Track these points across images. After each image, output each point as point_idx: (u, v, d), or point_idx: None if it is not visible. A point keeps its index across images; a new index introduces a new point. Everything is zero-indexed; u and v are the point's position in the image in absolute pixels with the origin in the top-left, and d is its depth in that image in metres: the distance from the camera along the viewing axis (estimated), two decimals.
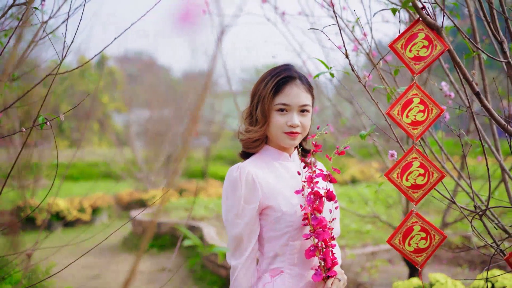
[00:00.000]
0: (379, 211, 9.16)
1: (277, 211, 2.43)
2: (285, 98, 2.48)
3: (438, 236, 2.48)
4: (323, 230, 2.38)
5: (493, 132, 3.78)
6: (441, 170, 2.43)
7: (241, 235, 2.40)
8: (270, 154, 2.58)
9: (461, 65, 2.39)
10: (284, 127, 2.48)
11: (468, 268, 7.26)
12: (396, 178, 2.43)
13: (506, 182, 3.69)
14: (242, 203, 2.39)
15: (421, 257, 2.48)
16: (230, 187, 2.43)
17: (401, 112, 2.40)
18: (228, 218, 2.42)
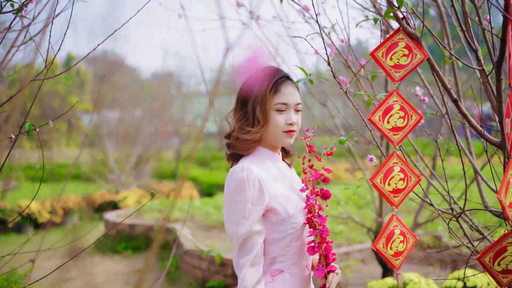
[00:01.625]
0: (350, 212, 9.27)
1: (281, 214, 2.47)
2: (283, 97, 2.54)
3: (412, 238, 2.58)
4: (323, 227, 2.49)
5: (467, 135, 3.90)
6: (418, 174, 2.53)
7: (249, 235, 2.41)
8: (264, 154, 2.61)
9: (439, 73, 2.48)
10: (283, 126, 2.53)
11: (439, 267, 7.42)
12: (380, 183, 2.51)
13: (479, 184, 3.81)
14: (250, 204, 2.41)
15: (399, 260, 2.56)
16: (236, 188, 2.43)
17: (382, 118, 2.48)
18: (234, 219, 2.43)
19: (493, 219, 8.35)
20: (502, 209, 2.33)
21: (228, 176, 2.50)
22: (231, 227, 2.45)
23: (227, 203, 2.48)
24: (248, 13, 6.00)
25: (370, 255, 7.54)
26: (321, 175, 2.57)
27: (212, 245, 7.75)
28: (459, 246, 3.31)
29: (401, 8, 2.36)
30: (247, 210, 2.41)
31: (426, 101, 3.67)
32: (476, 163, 3.68)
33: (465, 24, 2.70)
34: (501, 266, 2.38)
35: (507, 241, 2.36)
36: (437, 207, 2.89)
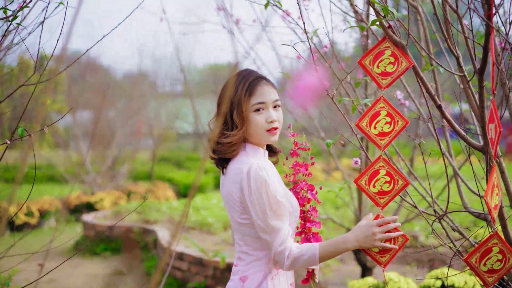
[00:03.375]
0: (328, 212, 9.37)
1: (288, 206, 2.58)
2: (260, 97, 2.60)
3: (401, 238, 2.66)
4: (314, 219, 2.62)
5: (446, 138, 4.00)
6: (406, 178, 2.61)
7: (282, 225, 2.51)
8: (258, 152, 2.68)
9: (424, 80, 2.56)
10: (265, 125, 2.60)
11: (416, 266, 7.54)
12: (364, 185, 2.60)
13: (459, 185, 3.92)
14: (279, 198, 2.51)
15: (385, 257, 2.64)
16: (261, 185, 2.50)
17: (369, 124, 2.57)
18: (267, 215, 2.50)
19: (468, 219, 8.50)
20: (488, 211, 2.41)
21: (246, 176, 2.54)
22: (267, 222, 2.50)
23: (255, 202, 2.52)
24: (229, 16, 6.07)
25: (349, 255, 7.64)
26: (306, 170, 2.71)
27: (192, 246, 7.80)
28: (440, 246, 3.41)
29: (387, 17, 2.44)
30: (277, 203, 2.51)
31: (406, 104, 3.78)
32: (456, 165, 3.78)
33: (446, 31, 2.78)
34: (487, 266, 2.48)
35: (492, 242, 2.45)
36: (421, 209, 2.98)
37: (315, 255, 2.49)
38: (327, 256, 2.53)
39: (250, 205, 2.53)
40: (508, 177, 2.92)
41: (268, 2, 3.47)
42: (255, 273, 2.62)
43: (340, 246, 2.53)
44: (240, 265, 2.68)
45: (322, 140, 6.32)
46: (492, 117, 2.44)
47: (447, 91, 6.01)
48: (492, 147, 2.45)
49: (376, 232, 2.51)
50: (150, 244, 9.05)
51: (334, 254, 2.54)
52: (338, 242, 2.53)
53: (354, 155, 6.29)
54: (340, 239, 2.54)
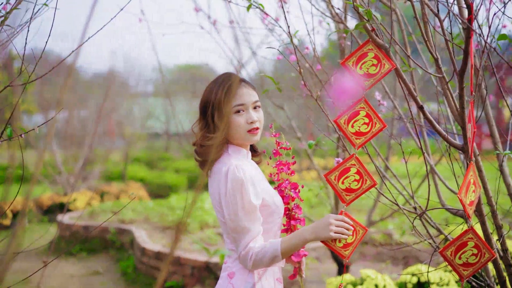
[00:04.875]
0: (303, 211, 9.46)
1: (271, 205, 2.66)
2: (239, 99, 2.67)
3: (362, 230, 2.75)
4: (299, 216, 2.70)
5: (424, 137, 4.10)
6: (373, 179, 2.70)
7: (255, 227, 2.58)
8: (240, 153, 2.75)
9: (406, 82, 2.64)
10: (245, 126, 2.67)
11: (391, 264, 7.67)
12: (334, 180, 2.68)
13: (437, 183, 4.02)
14: (252, 200, 2.55)
15: (348, 250, 2.72)
16: (237, 187, 2.55)
17: (347, 122, 2.65)
18: (239, 216, 2.55)
19: (442, 216, 8.64)
20: (463, 208, 2.50)
21: (223, 176, 2.60)
22: (238, 223, 2.56)
23: (230, 203, 2.58)
24: (207, 17, 6.13)
25: (325, 253, 7.74)
26: (288, 169, 2.79)
27: (169, 245, 7.82)
28: (419, 242, 3.50)
29: (370, 21, 2.52)
30: (250, 205, 2.56)
31: (385, 105, 3.87)
32: (433, 164, 3.89)
33: (426, 34, 2.86)
34: (462, 260, 2.57)
35: (467, 236, 2.54)
36: (400, 205, 3.06)
37: (276, 250, 2.55)
38: (289, 249, 2.59)
39: (224, 204, 2.60)
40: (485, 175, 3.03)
41: (250, 5, 3.53)
42: (242, 269, 2.68)
43: (299, 237, 2.59)
44: (229, 262, 2.74)
45: (299, 140, 6.40)
46: (470, 117, 2.54)
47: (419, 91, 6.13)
48: (469, 146, 2.54)
49: (332, 223, 2.58)
50: (127, 244, 9.05)
51: (295, 246, 2.60)
52: (297, 234, 2.61)
53: (330, 155, 6.39)
54: (299, 231, 2.63)
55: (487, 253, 2.55)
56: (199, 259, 7.01)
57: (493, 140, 3.54)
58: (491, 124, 3.58)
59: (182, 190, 16.31)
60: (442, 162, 5.20)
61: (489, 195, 3.08)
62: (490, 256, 2.56)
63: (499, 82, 3.10)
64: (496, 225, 3.09)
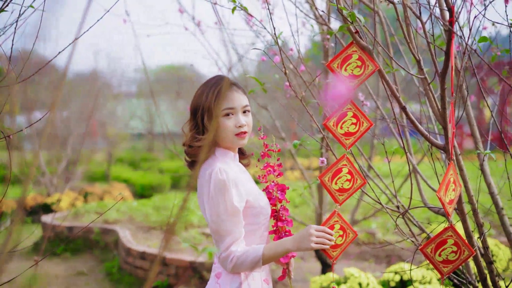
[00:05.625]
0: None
1: (256, 206, 2.68)
2: (229, 102, 2.70)
3: (352, 234, 2.81)
4: (286, 218, 2.74)
5: (407, 137, 4.16)
6: (363, 177, 2.76)
7: (238, 228, 2.61)
8: (226, 155, 2.77)
9: (389, 83, 2.70)
10: (233, 129, 2.70)
11: (374, 262, 7.75)
12: (327, 181, 2.74)
13: (419, 182, 4.09)
14: (235, 203, 2.58)
15: (336, 252, 2.78)
16: (219, 189, 2.58)
17: (336, 123, 2.71)
18: (222, 218, 2.58)
19: (423, 215, 8.73)
20: (442, 206, 2.56)
21: (207, 178, 2.63)
22: (219, 225, 2.60)
23: (212, 205, 2.61)
24: (191, 18, 6.16)
25: (309, 252, 7.78)
26: (275, 171, 2.83)
27: (154, 245, 7.86)
28: (401, 241, 3.56)
29: (354, 23, 2.57)
30: (233, 207, 2.59)
31: (368, 105, 3.93)
32: (416, 163, 3.95)
33: (408, 36, 2.92)
34: (442, 257, 2.63)
35: (447, 234, 2.61)
36: (385, 205, 3.11)
37: (258, 256, 2.59)
38: (270, 256, 2.63)
39: (207, 206, 2.63)
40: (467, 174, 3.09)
41: (235, 7, 3.57)
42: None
43: (282, 247, 2.64)
44: (217, 262, 2.79)
45: (282, 140, 6.46)
46: (449, 118, 2.60)
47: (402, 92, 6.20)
48: (450, 146, 2.60)
49: (312, 234, 2.62)
50: (111, 244, 9.06)
51: (277, 255, 2.64)
52: (280, 243, 2.65)
53: (314, 155, 6.44)
54: (282, 240, 2.66)
55: (466, 251, 2.62)
56: (184, 259, 7.04)
57: (474, 139, 3.61)
58: (472, 124, 3.64)
59: (166, 190, 16.31)
60: (424, 161, 5.26)
61: (470, 194, 3.14)
62: (470, 253, 2.62)
63: (479, 83, 3.17)
64: (477, 223, 3.16)
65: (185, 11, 6.20)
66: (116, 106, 21.68)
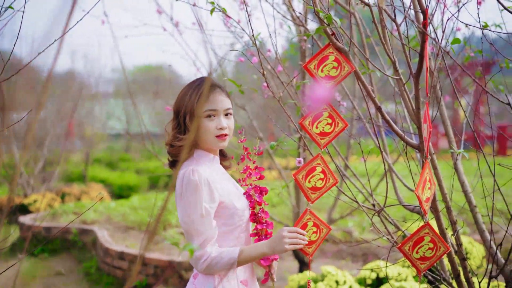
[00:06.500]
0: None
1: (230, 208, 2.70)
2: (212, 104, 2.72)
3: (325, 229, 2.86)
4: (266, 221, 2.77)
5: (382, 137, 4.23)
6: (335, 177, 2.81)
7: (209, 230, 2.63)
8: (205, 157, 2.80)
9: (365, 84, 2.76)
10: (214, 131, 2.72)
11: (351, 260, 7.83)
12: (301, 179, 2.79)
13: (394, 182, 4.16)
14: (205, 204, 2.60)
15: (311, 248, 2.84)
16: (190, 190, 2.60)
17: (311, 123, 2.75)
18: (193, 218, 2.60)
19: (399, 214, 8.82)
20: (419, 204, 2.62)
21: (179, 179, 2.66)
22: (190, 225, 2.62)
23: (183, 204, 2.64)
24: (169, 19, 6.19)
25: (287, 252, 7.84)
26: (258, 174, 2.85)
27: (132, 245, 7.88)
28: (377, 239, 3.63)
29: (330, 25, 2.63)
30: (204, 209, 2.60)
31: (344, 105, 3.99)
32: (391, 162, 4.02)
33: (384, 38, 2.98)
34: (419, 254, 2.69)
35: (424, 232, 2.67)
36: (360, 202, 3.17)
37: (233, 258, 2.63)
38: (245, 259, 2.66)
39: (178, 206, 2.66)
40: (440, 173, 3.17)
41: (214, 8, 3.61)
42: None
43: (257, 250, 2.68)
44: None
45: (261, 140, 6.50)
46: (425, 118, 2.66)
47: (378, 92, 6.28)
48: (425, 145, 2.66)
49: (285, 236, 2.66)
50: (89, 244, 9.05)
51: (253, 258, 2.68)
52: (255, 247, 2.69)
53: (291, 155, 6.49)
54: (258, 244, 2.70)
55: (442, 247, 2.68)
56: (162, 259, 7.06)
57: (448, 139, 3.69)
58: (446, 124, 3.72)
59: (143, 190, 16.29)
60: (400, 161, 5.33)
61: (444, 192, 3.21)
62: (445, 249, 2.69)
63: (453, 84, 3.24)
64: (451, 221, 3.23)
65: (163, 12, 6.23)
66: (93, 107, 21.56)
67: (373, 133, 3.93)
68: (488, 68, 8.09)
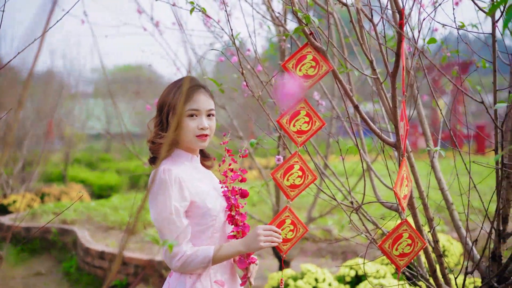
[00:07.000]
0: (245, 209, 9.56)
1: (201, 207, 2.70)
2: (195, 104, 2.74)
3: (302, 229, 2.89)
4: (244, 223, 2.77)
5: (361, 136, 4.28)
6: (314, 174, 2.85)
7: (180, 228, 2.64)
8: (182, 156, 2.82)
9: (343, 83, 2.79)
10: (195, 130, 2.74)
11: (330, 258, 7.89)
12: (279, 178, 2.82)
13: (372, 180, 4.21)
14: (175, 202, 2.62)
15: (286, 246, 2.86)
16: (159, 188, 2.62)
17: (289, 121, 2.79)
18: (163, 216, 2.61)
19: (378, 212, 8.89)
20: (397, 201, 2.67)
21: (151, 178, 2.74)
22: (161, 223, 2.64)
23: (153, 202, 2.66)
24: (149, 19, 6.20)
25: (267, 250, 7.88)
26: (239, 176, 2.85)
27: (113, 245, 7.88)
28: (355, 236, 3.67)
29: (309, 25, 2.66)
30: (173, 207, 2.62)
31: (323, 104, 4.03)
32: (370, 161, 4.06)
33: (361, 37, 3.02)
34: (398, 251, 2.74)
35: (402, 228, 2.72)
36: (339, 200, 3.21)
37: (208, 257, 2.64)
38: (220, 257, 2.68)
39: (150, 205, 2.69)
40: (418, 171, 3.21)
41: (193, 8, 3.63)
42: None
43: (232, 248, 2.70)
44: None
45: (240, 139, 6.53)
46: (402, 116, 2.70)
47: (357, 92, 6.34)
48: (402, 143, 2.70)
49: (260, 234, 2.68)
50: (69, 244, 9.03)
51: (227, 256, 2.69)
52: (231, 245, 2.70)
53: (271, 154, 6.53)
54: (233, 242, 2.72)
55: (419, 242, 2.73)
56: (143, 258, 7.07)
57: (425, 137, 3.74)
58: (423, 123, 3.77)
59: (124, 190, 16.25)
60: (379, 160, 5.38)
61: (421, 190, 3.26)
62: (422, 244, 2.74)
63: (429, 83, 3.29)
64: (428, 218, 3.28)
65: (143, 11, 6.25)
66: (73, 106, 21.44)
67: (351, 132, 3.97)
68: (466, 68, 8.18)
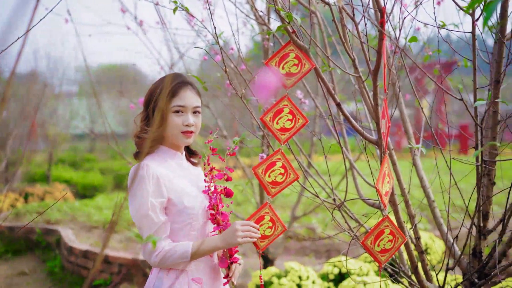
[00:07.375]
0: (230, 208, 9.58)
1: (178, 205, 2.71)
2: (181, 100, 2.76)
3: (281, 227, 2.92)
4: (226, 223, 2.78)
5: (344, 134, 4.31)
6: (297, 173, 2.87)
7: (157, 224, 2.65)
8: (166, 153, 2.83)
9: (325, 81, 2.82)
10: (180, 126, 2.75)
11: (314, 257, 7.92)
12: (261, 173, 2.83)
13: (355, 178, 4.24)
14: (151, 198, 2.63)
15: (264, 242, 2.87)
16: (137, 183, 2.63)
17: (272, 119, 2.81)
18: (141, 212, 2.62)
19: (361, 211, 8.94)
20: (379, 198, 2.70)
21: (130, 173, 2.72)
22: (139, 219, 2.66)
23: (131, 198, 2.68)
24: (133, 18, 6.21)
25: (251, 248, 7.92)
26: (225, 175, 2.87)
27: (97, 244, 7.87)
28: (338, 233, 3.70)
29: (291, 23, 2.69)
30: (149, 202, 2.63)
31: (306, 103, 4.06)
32: (353, 160, 4.10)
33: (343, 36, 3.04)
34: (380, 247, 2.77)
35: (384, 225, 2.75)
36: (322, 198, 3.24)
37: (187, 252, 2.66)
38: (199, 253, 2.69)
39: (129, 202, 2.70)
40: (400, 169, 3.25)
41: (176, 7, 3.64)
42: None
43: (211, 244, 2.71)
44: None
45: (225, 138, 6.55)
46: (383, 114, 2.73)
47: (341, 91, 6.38)
48: (383, 140, 2.74)
49: (238, 229, 2.70)
50: (53, 244, 9.00)
51: (206, 251, 2.70)
52: (209, 240, 2.72)
53: (255, 153, 6.56)
54: (212, 238, 2.73)
55: (400, 238, 2.77)
56: (127, 257, 7.07)
57: (407, 135, 3.78)
58: (405, 121, 3.81)
59: (108, 190, 16.21)
60: (362, 159, 5.42)
61: (403, 187, 3.30)
62: (403, 240, 2.78)
63: (411, 82, 3.32)
64: (409, 215, 3.32)
65: (127, 11, 6.25)
66: (56, 106, 21.35)
67: (334, 130, 4.00)
68: (449, 68, 8.25)
